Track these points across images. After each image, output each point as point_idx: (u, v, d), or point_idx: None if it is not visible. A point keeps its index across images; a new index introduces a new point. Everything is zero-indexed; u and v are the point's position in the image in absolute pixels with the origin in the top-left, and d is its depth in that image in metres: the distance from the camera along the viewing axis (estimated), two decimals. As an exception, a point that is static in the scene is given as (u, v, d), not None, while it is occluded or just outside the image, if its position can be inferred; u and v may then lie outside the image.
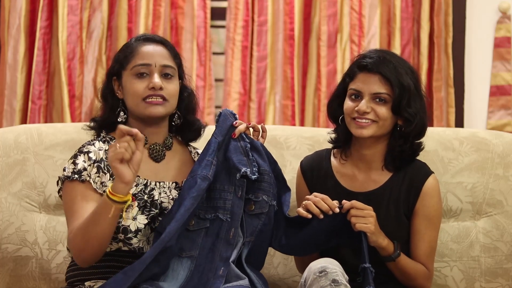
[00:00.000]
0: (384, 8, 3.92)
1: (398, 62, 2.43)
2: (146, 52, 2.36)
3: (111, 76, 2.40)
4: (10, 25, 3.87)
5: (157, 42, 2.39)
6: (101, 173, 2.29)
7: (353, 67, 2.46)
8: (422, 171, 2.47)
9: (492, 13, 3.95)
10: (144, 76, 2.34)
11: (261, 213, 2.33)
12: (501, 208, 2.71)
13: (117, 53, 2.43)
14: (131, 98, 2.34)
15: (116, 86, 2.39)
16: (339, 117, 2.50)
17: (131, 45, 2.39)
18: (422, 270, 2.42)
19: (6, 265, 2.66)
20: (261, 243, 2.36)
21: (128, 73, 2.35)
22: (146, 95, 2.32)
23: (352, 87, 2.44)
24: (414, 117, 2.41)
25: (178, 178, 2.40)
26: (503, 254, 2.68)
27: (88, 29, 3.89)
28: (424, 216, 2.43)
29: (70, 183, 2.28)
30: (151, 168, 2.38)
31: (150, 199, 2.32)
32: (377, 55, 2.44)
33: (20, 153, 2.70)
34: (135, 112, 2.36)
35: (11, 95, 3.86)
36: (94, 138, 2.40)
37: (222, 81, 3.99)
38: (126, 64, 2.36)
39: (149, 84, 2.32)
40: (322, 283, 2.17)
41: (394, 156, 2.45)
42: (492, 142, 2.75)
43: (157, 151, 2.39)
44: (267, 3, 3.90)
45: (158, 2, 3.89)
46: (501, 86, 3.94)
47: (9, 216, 2.66)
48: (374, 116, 2.40)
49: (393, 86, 2.39)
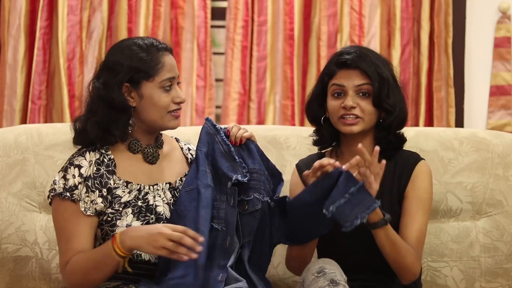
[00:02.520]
0: (384, 8, 3.92)
1: (375, 56, 2.46)
2: (169, 64, 2.33)
3: (121, 82, 2.30)
4: (10, 25, 3.86)
5: (171, 51, 2.37)
6: (90, 192, 2.28)
7: (331, 65, 2.47)
8: (412, 158, 2.48)
9: (492, 13, 3.95)
10: (170, 89, 2.32)
11: (255, 210, 2.33)
12: (501, 208, 2.71)
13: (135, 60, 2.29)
14: (156, 110, 2.31)
15: (127, 93, 2.31)
16: (320, 118, 2.50)
17: (156, 56, 2.31)
18: (411, 250, 2.35)
19: (6, 265, 2.66)
20: (260, 242, 2.36)
21: (155, 85, 2.30)
22: (172, 108, 2.32)
23: (334, 83, 2.44)
24: (394, 108, 2.43)
25: (171, 178, 2.39)
26: (503, 254, 2.68)
27: (88, 29, 3.89)
28: (415, 198, 2.41)
29: (61, 202, 2.27)
30: (145, 171, 2.37)
31: (145, 204, 2.32)
32: (354, 50, 2.46)
33: (20, 153, 2.70)
34: (154, 123, 2.33)
35: (11, 95, 3.86)
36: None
37: (222, 81, 3.99)
38: (154, 75, 2.29)
39: (174, 98, 2.32)
40: (320, 283, 2.17)
41: (382, 148, 2.46)
42: (492, 142, 2.75)
43: (151, 153, 2.38)
44: (267, 3, 3.90)
45: (158, 2, 3.89)
46: (501, 86, 3.94)
47: (9, 216, 2.66)
48: (359, 112, 2.41)
49: (372, 79, 2.40)
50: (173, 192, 2.36)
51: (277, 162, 2.75)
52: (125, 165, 2.35)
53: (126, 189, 2.31)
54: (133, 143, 2.36)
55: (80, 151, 2.34)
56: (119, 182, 2.31)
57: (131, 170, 2.35)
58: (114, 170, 2.32)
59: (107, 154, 2.33)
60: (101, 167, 2.31)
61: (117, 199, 2.30)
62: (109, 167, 2.32)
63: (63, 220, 2.28)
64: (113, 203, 2.29)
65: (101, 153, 2.33)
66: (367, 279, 2.42)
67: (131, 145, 2.36)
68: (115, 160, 2.33)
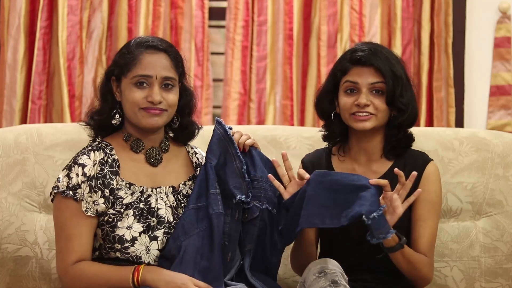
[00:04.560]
0: (384, 8, 3.92)
1: (389, 53, 2.46)
2: (148, 62, 2.31)
3: (110, 76, 2.37)
4: (10, 25, 3.86)
5: (160, 50, 2.34)
6: (92, 192, 2.29)
7: (345, 61, 2.45)
8: (422, 158, 2.48)
9: (492, 13, 3.95)
10: (144, 86, 2.31)
11: (254, 218, 2.32)
12: (501, 208, 2.71)
13: (117, 55, 2.38)
14: (129, 106, 2.33)
15: (114, 87, 2.37)
16: (330, 113, 2.49)
17: (133, 52, 2.33)
18: (425, 259, 2.38)
19: (6, 265, 2.66)
20: (262, 249, 2.35)
21: (128, 81, 2.32)
22: (144, 106, 2.31)
23: (348, 80, 2.43)
24: (407, 106, 2.42)
25: (175, 182, 2.39)
26: (503, 254, 2.68)
27: (88, 29, 3.89)
28: (426, 201, 2.41)
29: (64, 199, 2.28)
30: (148, 173, 2.37)
31: (146, 207, 2.31)
32: (368, 47, 2.44)
33: (20, 153, 2.70)
34: (132, 120, 2.35)
35: (10, 95, 3.86)
36: (90, 144, 2.37)
37: (222, 81, 3.98)
38: (126, 71, 2.32)
39: (148, 97, 2.30)
40: (321, 283, 2.17)
41: (392, 145, 2.46)
42: (492, 142, 2.75)
43: (154, 155, 2.38)
44: (267, 3, 3.90)
45: (158, 2, 3.89)
46: (501, 86, 3.94)
47: (9, 216, 2.66)
48: (373, 109, 2.40)
49: (387, 77, 2.40)
50: (176, 196, 2.36)
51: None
52: (129, 166, 2.35)
53: (129, 190, 2.31)
54: (135, 142, 2.36)
55: (85, 149, 2.34)
56: (122, 184, 2.31)
57: (134, 172, 2.35)
58: (118, 171, 2.32)
59: (111, 154, 2.33)
60: (105, 167, 2.31)
61: (119, 200, 2.30)
62: (112, 168, 2.32)
63: (64, 218, 2.28)
64: (115, 204, 2.29)
65: (106, 153, 2.33)
66: (368, 280, 2.42)
67: (133, 144, 2.36)
68: (119, 161, 2.34)
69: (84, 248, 2.27)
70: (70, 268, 2.26)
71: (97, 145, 2.35)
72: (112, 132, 2.39)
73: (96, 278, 2.24)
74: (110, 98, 2.37)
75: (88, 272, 2.25)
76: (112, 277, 2.23)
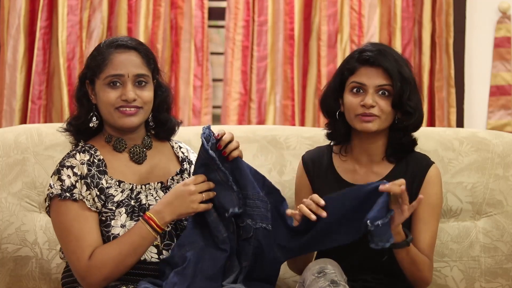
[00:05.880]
0: (384, 8, 3.92)
1: (397, 55, 2.44)
2: (118, 61, 2.32)
3: (83, 80, 2.37)
4: (10, 25, 3.86)
5: (129, 48, 2.34)
6: (91, 189, 2.28)
7: (352, 61, 2.44)
8: (424, 161, 2.47)
9: (492, 13, 3.95)
10: (117, 85, 2.31)
11: (248, 237, 2.30)
12: (501, 208, 2.71)
13: (89, 58, 2.38)
14: (104, 107, 2.33)
15: (89, 90, 2.36)
16: (335, 112, 2.48)
17: (103, 53, 2.34)
18: (427, 261, 2.38)
19: (6, 265, 2.66)
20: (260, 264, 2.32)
21: (101, 82, 2.32)
22: (119, 105, 2.31)
23: (355, 80, 2.41)
24: (415, 110, 2.41)
25: (163, 177, 2.39)
26: (503, 254, 2.68)
27: (88, 29, 3.89)
28: (427, 204, 2.40)
29: (62, 202, 2.27)
30: (135, 171, 2.37)
31: (137, 204, 2.32)
32: (376, 48, 2.43)
33: (20, 153, 2.70)
34: (109, 121, 2.35)
35: (10, 95, 3.86)
36: (73, 149, 2.37)
37: (221, 81, 3.98)
38: (98, 73, 2.32)
39: (121, 96, 2.30)
40: (320, 284, 2.17)
41: (395, 148, 2.45)
42: (492, 142, 2.75)
43: (137, 153, 2.37)
44: (267, 3, 3.90)
45: (158, 2, 3.89)
46: (501, 86, 3.94)
47: (9, 216, 2.66)
48: (378, 111, 2.39)
49: (395, 79, 2.38)
50: (165, 191, 2.36)
51: (277, 162, 2.75)
52: (115, 165, 2.35)
53: (119, 188, 2.32)
54: (117, 142, 2.37)
55: (70, 153, 2.35)
56: (111, 182, 2.32)
57: (121, 171, 2.35)
58: (105, 170, 2.32)
59: (96, 155, 2.33)
60: (92, 168, 2.31)
61: (110, 198, 2.30)
62: (100, 167, 2.32)
63: (68, 221, 2.26)
64: (107, 202, 2.29)
65: (91, 154, 2.33)
66: (368, 280, 2.42)
67: (116, 144, 2.37)
68: (105, 160, 2.34)
69: (97, 241, 2.25)
70: (89, 263, 2.23)
71: (81, 148, 2.35)
72: (92, 135, 2.39)
73: (120, 252, 2.22)
74: (85, 102, 2.36)
75: (109, 253, 2.23)
76: (135, 241, 2.22)
